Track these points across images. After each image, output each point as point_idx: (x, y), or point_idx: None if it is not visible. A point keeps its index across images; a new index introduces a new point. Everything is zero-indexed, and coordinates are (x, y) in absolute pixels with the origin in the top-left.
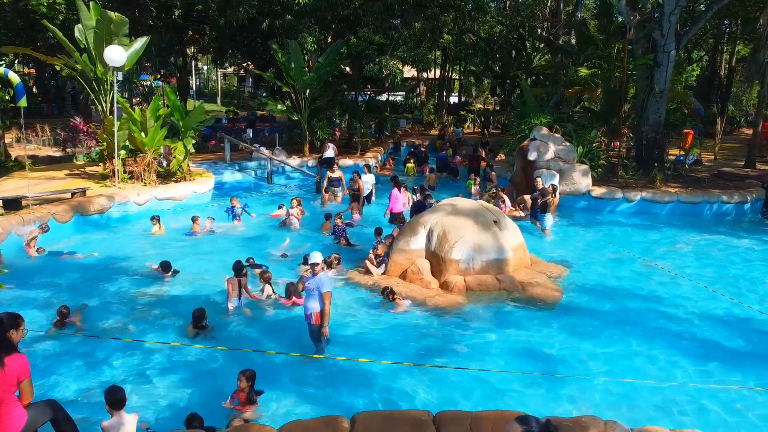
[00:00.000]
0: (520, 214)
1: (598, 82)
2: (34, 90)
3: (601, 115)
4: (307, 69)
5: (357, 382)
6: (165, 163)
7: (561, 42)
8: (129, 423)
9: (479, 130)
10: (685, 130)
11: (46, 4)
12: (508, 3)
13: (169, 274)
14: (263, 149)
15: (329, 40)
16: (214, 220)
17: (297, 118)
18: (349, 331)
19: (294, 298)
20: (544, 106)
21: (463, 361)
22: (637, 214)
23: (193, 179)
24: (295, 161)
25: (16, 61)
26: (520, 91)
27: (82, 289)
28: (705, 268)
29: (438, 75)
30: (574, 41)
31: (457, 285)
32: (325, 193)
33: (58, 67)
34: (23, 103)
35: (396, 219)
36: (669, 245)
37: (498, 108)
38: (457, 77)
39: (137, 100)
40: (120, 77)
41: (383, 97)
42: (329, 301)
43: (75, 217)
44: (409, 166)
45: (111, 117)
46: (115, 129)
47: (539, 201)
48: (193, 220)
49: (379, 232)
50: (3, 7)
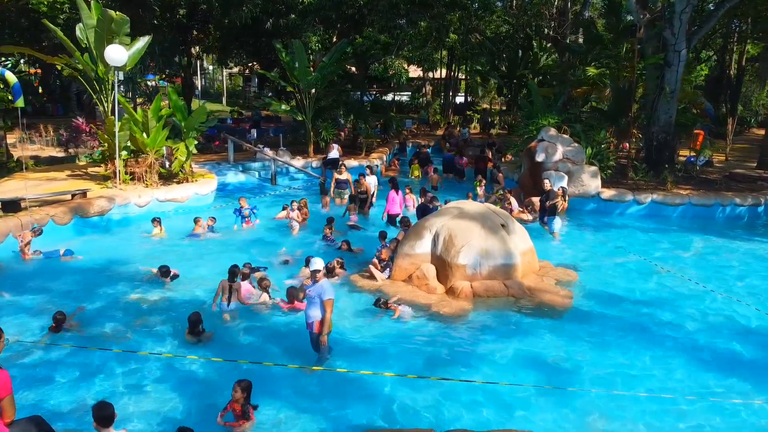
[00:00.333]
0: (528, 216)
1: (607, 82)
2: (40, 90)
3: (609, 116)
4: (311, 69)
5: (359, 395)
6: (167, 164)
7: (568, 41)
8: None
9: (482, 130)
10: (695, 131)
11: (46, 4)
12: (514, 2)
13: (168, 278)
14: (267, 150)
15: (334, 39)
16: (215, 219)
17: (301, 119)
18: (352, 339)
19: (295, 303)
20: (552, 107)
21: (470, 372)
22: (647, 217)
23: (196, 180)
24: (299, 162)
25: (22, 61)
26: (527, 91)
27: (78, 293)
28: (721, 273)
29: (444, 75)
30: (581, 40)
31: (464, 291)
32: (334, 195)
33: (59, 67)
34: (20, 103)
35: (392, 221)
36: (682, 249)
37: (504, 108)
38: (463, 77)
39: (141, 100)
40: (122, 77)
41: (388, 97)
42: (331, 309)
43: (74, 219)
44: (414, 168)
45: (112, 117)
46: (116, 129)
47: (547, 203)
48: (196, 221)
49: (383, 236)
50: (6, 7)
